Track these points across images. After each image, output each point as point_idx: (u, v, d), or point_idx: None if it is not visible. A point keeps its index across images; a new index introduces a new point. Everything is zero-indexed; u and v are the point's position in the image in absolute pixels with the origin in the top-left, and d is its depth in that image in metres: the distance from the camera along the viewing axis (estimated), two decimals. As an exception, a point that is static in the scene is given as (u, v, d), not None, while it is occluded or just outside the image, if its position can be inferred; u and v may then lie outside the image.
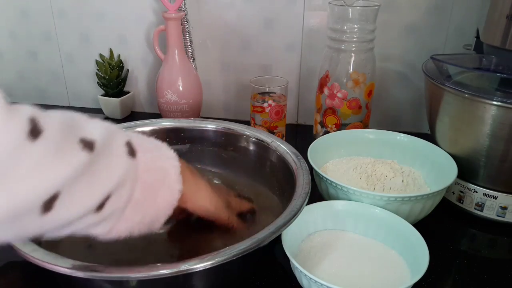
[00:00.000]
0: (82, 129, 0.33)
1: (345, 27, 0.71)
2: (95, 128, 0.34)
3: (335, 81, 0.74)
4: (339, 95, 0.74)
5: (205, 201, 0.44)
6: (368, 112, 0.77)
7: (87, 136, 0.32)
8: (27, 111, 0.30)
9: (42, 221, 0.30)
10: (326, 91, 0.76)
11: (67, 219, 0.31)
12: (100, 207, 0.33)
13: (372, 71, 0.75)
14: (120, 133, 0.36)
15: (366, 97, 0.75)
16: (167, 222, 0.40)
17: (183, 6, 0.83)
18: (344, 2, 0.72)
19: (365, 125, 0.78)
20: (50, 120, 0.30)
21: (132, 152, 0.36)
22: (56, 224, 0.31)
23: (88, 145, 0.32)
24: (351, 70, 0.73)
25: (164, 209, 0.39)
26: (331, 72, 0.74)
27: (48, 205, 0.29)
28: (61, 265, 0.39)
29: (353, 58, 0.72)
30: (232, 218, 0.48)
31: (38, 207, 0.29)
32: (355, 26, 0.70)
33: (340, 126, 0.77)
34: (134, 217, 0.37)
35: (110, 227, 0.36)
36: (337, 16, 0.71)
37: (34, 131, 0.29)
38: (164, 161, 0.39)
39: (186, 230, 0.51)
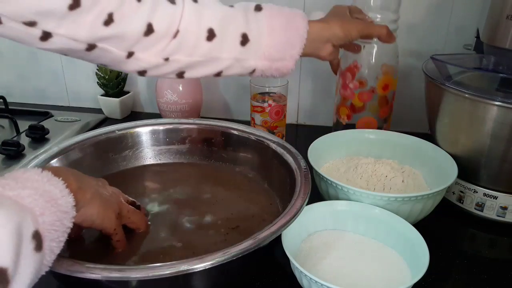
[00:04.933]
0: None
1: (367, 17, 0.68)
2: (4, 240, 0.31)
3: (348, 72, 0.73)
4: (350, 85, 0.74)
5: (92, 210, 0.44)
6: (385, 108, 0.75)
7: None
8: None
9: None
10: (340, 81, 0.75)
11: None
12: None
13: (392, 63, 0.73)
14: (27, 223, 0.33)
15: (381, 91, 0.73)
16: None
17: (183, 6, 0.83)
18: None
19: (381, 121, 0.76)
20: None
21: (39, 245, 0.34)
22: None
23: (2, 277, 0.30)
24: (372, 61, 0.72)
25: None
26: (352, 62, 0.72)
27: None
28: (62, 265, 0.39)
29: (375, 49, 0.71)
30: (119, 231, 0.48)
31: None
32: (378, 16, 0.69)
33: (352, 118, 0.76)
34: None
35: None
36: (360, 6, 0.69)
37: None
38: (64, 224, 0.38)
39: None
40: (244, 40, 0.49)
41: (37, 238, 0.34)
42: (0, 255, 0.30)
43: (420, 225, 0.54)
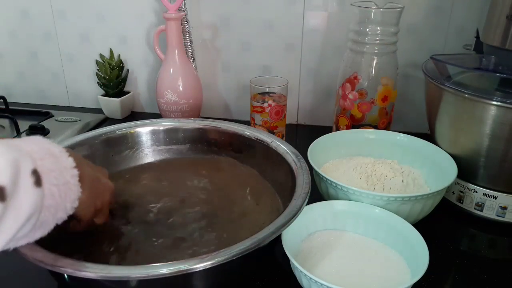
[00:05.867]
0: None
1: (367, 29, 0.70)
2: (2, 165, 0.32)
3: (348, 83, 0.74)
4: (350, 96, 0.74)
5: (81, 204, 0.43)
6: (384, 119, 0.75)
7: None
8: None
9: None
10: (340, 91, 0.75)
11: None
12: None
13: (392, 76, 0.73)
14: (25, 161, 0.35)
15: (380, 102, 0.73)
16: None
17: (183, 6, 0.83)
18: (376, 4, 0.70)
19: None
20: None
21: (38, 181, 0.35)
22: None
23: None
24: (372, 72, 0.72)
25: (62, 219, 0.40)
26: (352, 73, 0.73)
27: None
28: (61, 265, 0.39)
29: (375, 61, 0.71)
30: (90, 222, 0.48)
31: None
32: (378, 28, 0.69)
33: (351, 128, 0.76)
34: (35, 235, 0.38)
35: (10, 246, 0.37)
36: (359, 18, 0.70)
37: None
38: (64, 176, 0.39)
39: None
40: None
41: (36, 175, 0.35)
42: None
43: (420, 225, 0.54)
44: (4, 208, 0.32)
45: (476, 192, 0.62)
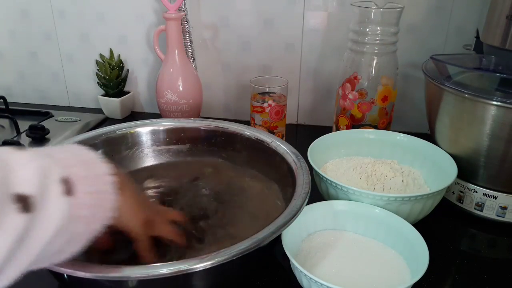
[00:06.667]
0: (14, 180, 0.30)
1: (367, 29, 0.70)
2: (27, 174, 0.31)
3: (348, 83, 0.74)
4: (350, 96, 0.74)
5: (124, 213, 0.42)
6: (384, 119, 0.75)
7: (21, 191, 0.30)
8: None
9: None
10: (340, 91, 0.76)
11: (8, 282, 0.31)
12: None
13: (392, 76, 0.73)
14: (54, 169, 0.33)
15: (380, 102, 0.73)
16: None
17: (183, 6, 0.83)
18: (376, 4, 0.70)
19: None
20: None
21: (69, 189, 0.33)
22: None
23: (24, 203, 0.29)
24: (372, 72, 0.72)
25: (97, 231, 0.38)
26: (352, 73, 0.73)
27: None
28: (61, 265, 0.39)
29: (375, 61, 0.71)
30: (143, 237, 0.45)
31: None
32: (378, 28, 0.69)
33: (351, 128, 0.76)
34: (69, 248, 0.36)
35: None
36: (359, 18, 0.70)
37: None
38: (99, 184, 0.37)
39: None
40: None
41: (67, 183, 0.33)
42: (23, 184, 0.30)
43: (420, 225, 0.54)
44: (31, 220, 0.30)
45: (476, 192, 0.62)
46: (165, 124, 0.71)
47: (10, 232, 0.28)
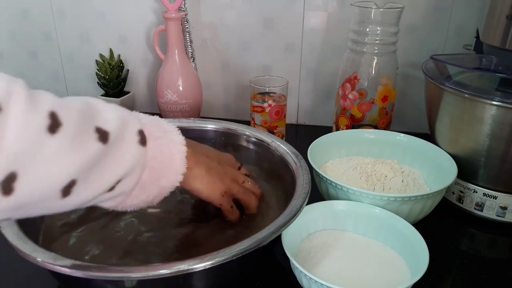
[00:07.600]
0: (98, 118, 0.36)
1: (367, 29, 0.70)
2: (110, 117, 0.37)
3: (348, 83, 0.74)
4: (350, 96, 0.74)
5: (201, 185, 0.47)
6: (384, 119, 0.75)
7: (102, 126, 0.35)
8: (47, 104, 0.32)
9: (62, 203, 0.34)
10: (340, 91, 0.76)
11: (82, 202, 0.36)
12: (111, 189, 0.37)
13: (392, 75, 0.73)
14: (133, 121, 0.39)
15: (380, 102, 0.73)
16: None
17: (183, 6, 0.83)
18: (376, 4, 0.70)
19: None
20: (69, 112, 0.33)
21: (143, 141, 0.39)
22: (73, 205, 0.36)
23: (103, 135, 0.35)
24: (372, 72, 0.72)
25: (166, 189, 0.43)
26: (352, 73, 0.73)
27: (66, 191, 0.33)
28: (61, 265, 0.39)
29: (375, 61, 0.71)
30: (226, 206, 0.51)
31: (58, 193, 0.33)
32: (378, 28, 0.69)
33: (351, 128, 0.76)
34: (140, 196, 0.41)
35: (118, 203, 0.40)
36: (359, 18, 0.70)
37: (54, 125, 0.32)
38: (171, 148, 0.42)
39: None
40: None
41: (142, 135, 0.39)
42: (106, 123, 0.36)
43: (420, 225, 0.54)
44: (107, 151, 0.35)
45: (476, 192, 0.62)
46: (165, 124, 0.71)
47: (86, 151, 0.34)
